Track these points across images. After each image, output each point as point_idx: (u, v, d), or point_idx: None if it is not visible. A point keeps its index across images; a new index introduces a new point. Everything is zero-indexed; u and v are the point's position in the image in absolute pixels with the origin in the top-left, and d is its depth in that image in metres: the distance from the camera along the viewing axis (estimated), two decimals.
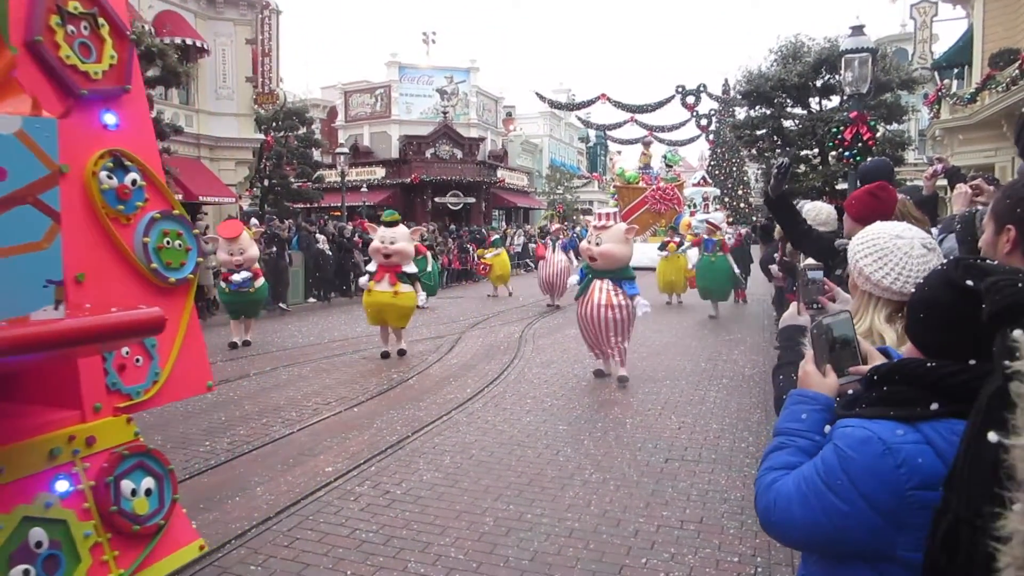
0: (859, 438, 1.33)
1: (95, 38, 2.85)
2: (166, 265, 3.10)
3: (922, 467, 1.27)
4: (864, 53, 9.86)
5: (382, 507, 4.64)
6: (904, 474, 1.28)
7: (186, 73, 16.81)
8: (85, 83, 2.81)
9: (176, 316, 3.14)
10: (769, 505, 1.47)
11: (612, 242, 8.02)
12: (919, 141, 32.93)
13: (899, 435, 1.30)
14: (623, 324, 8.07)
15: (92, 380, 2.86)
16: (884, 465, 1.29)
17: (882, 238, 1.99)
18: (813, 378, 1.57)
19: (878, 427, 1.33)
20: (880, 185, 3.44)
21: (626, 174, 30.77)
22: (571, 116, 51.07)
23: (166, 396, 3.18)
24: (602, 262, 8.03)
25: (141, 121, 3.23)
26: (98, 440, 2.81)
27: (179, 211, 3.22)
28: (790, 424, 1.55)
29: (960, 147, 19.15)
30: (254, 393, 7.88)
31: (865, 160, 8.87)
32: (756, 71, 24.21)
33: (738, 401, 7.46)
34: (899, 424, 1.32)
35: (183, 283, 3.20)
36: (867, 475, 1.30)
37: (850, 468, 1.32)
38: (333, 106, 42.02)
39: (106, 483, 2.74)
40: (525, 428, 6.45)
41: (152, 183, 3.15)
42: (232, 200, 21.35)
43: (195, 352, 3.29)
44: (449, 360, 9.85)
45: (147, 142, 3.23)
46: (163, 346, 3.11)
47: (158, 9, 19.89)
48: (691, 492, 4.91)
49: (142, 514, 2.88)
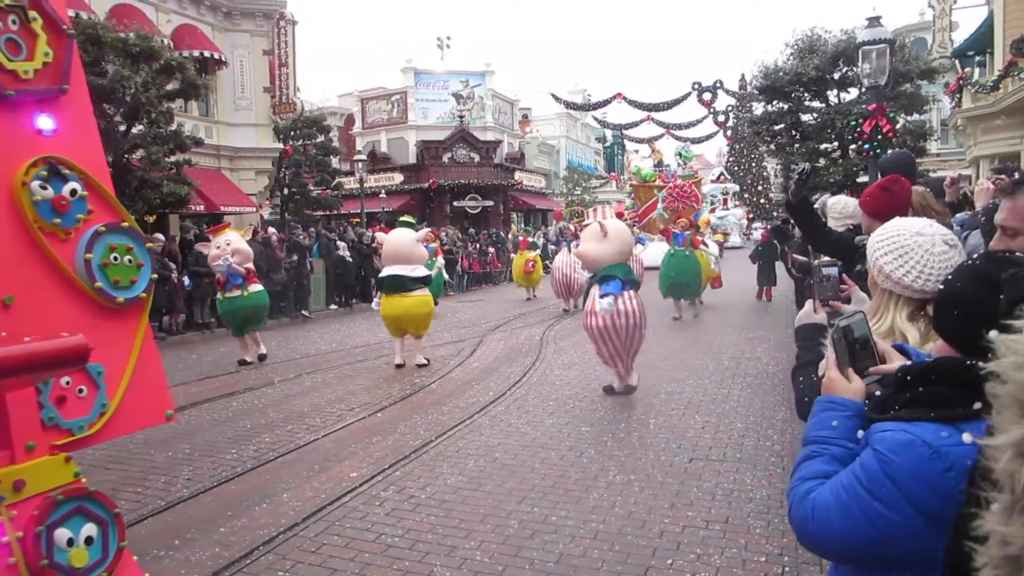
0: (901, 442, 1.29)
1: (25, 33, 2.59)
2: (113, 284, 2.77)
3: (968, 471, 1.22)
4: (881, 44, 9.76)
5: (407, 511, 4.67)
6: (954, 478, 1.22)
7: (205, 85, 17.01)
8: (12, 83, 2.55)
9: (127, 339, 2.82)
10: (807, 516, 1.41)
11: (588, 241, 7.57)
12: (941, 131, 32.50)
13: (944, 437, 1.25)
14: (620, 333, 7.34)
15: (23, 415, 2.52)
16: (932, 470, 1.24)
17: (902, 235, 1.95)
18: (839, 384, 1.52)
19: (920, 430, 1.28)
20: (892, 178, 3.40)
21: (642, 172, 30.48)
22: (587, 116, 51.03)
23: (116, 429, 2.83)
24: (583, 264, 7.73)
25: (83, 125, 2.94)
26: (28, 484, 2.45)
27: (129, 223, 2.89)
28: (821, 432, 1.50)
29: (983, 136, 18.86)
30: (279, 400, 7.95)
31: (885, 152, 8.78)
32: (772, 66, 24.04)
33: (762, 399, 7.40)
34: (941, 426, 1.27)
35: (134, 303, 2.86)
36: (915, 481, 1.25)
37: (895, 474, 1.28)
38: (350, 113, 42.34)
39: (37, 533, 2.38)
40: (548, 430, 6.46)
41: (97, 193, 2.83)
42: (253, 209, 21.55)
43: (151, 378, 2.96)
44: (471, 364, 9.87)
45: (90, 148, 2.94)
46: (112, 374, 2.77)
47: (176, 23, 20.13)
48: (716, 492, 4.88)
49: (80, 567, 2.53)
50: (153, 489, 5.21)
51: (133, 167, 13.92)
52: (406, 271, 9.28)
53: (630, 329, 7.37)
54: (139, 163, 13.95)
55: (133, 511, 4.78)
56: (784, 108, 24.51)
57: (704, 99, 39.12)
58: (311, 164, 24.51)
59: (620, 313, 7.26)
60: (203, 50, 20.06)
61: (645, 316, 7.55)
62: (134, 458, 5.97)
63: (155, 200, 13.85)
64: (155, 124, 14.07)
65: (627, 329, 7.33)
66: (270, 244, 14.86)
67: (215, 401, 7.98)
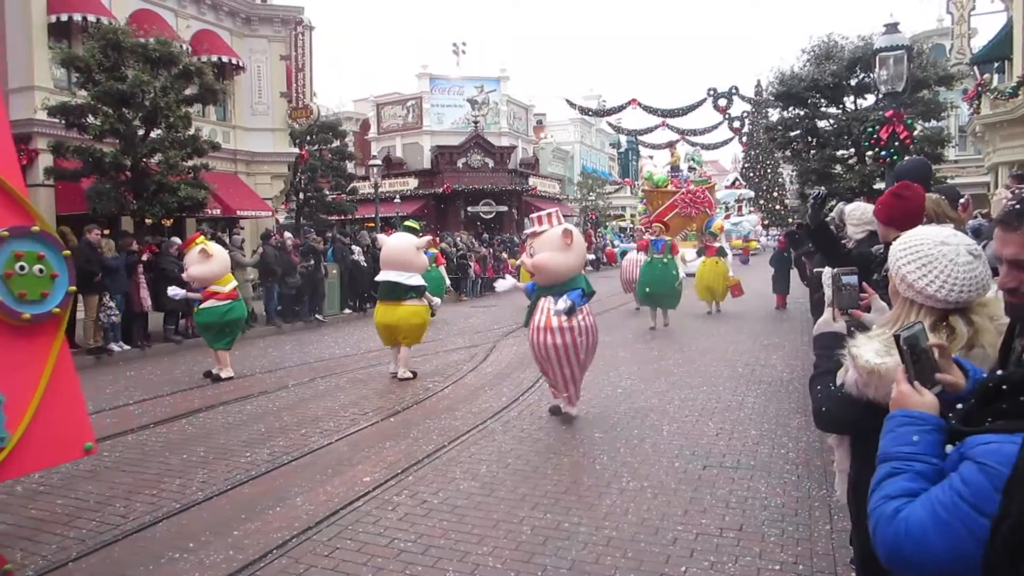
0: (1009, 453, 1.23)
1: None
2: (19, 297, 2.39)
3: None
4: (899, 51, 9.69)
5: (420, 516, 4.67)
6: None
7: (223, 90, 17.16)
8: None
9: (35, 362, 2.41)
10: (898, 536, 1.32)
11: (548, 250, 6.57)
12: (959, 138, 32.20)
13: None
14: (571, 352, 6.57)
15: None
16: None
17: (926, 244, 1.91)
18: (912, 397, 1.47)
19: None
20: (903, 185, 3.39)
21: (654, 177, 30.23)
22: (602, 122, 51.03)
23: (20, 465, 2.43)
24: (539, 277, 6.67)
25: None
26: None
27: (41, 227, 2.49)
28: (902, 448, 1.42)
29: (1002, 142, 18.68)
30: (292, 404, 7.98)
31: (902, 159, 8.71)
32: (789, 72, 23.90)
33: (777, 406, 7.36)
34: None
35: (46, 319, 2.47)
36: None
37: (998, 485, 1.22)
38: (366, 119, 42.57)
39: None
40: (561, 436, 6.44)
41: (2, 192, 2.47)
42: (268, 214, 21.70)
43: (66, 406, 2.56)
44: (484, 369, 9.87)
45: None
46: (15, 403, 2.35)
47: (195, 28, 20.34)
48: (730, 499, 4.86)
49: None
50: (168, 491, 5.25)
51: (151, 171, 14.06)
52: (402, 278, 8.87)
53: (590, 348, 6.72)
54: (157, 167, 14.09)
55: (148, 513, 4.82)
56: (800, 114, 24.35)
57: (719, 105, 39.02)
58: (326, 169, 24.68)
59: (582, 330, 6.53)
60: (221, 55, 20.27)
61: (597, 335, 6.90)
62: (149, 460, 6.02)
63: (172, 204, 13.95)
64: (173, 128, 14.19)
65: (588, 348, 6.69)
66: (285, 248, 14.96)
67: (230, 404, 8.03)
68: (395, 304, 8.95)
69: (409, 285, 8.90)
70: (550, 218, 6.65)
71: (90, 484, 5.42)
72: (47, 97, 14.80)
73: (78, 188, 14.76)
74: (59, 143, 13.77)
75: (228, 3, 21.38)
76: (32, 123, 15.64)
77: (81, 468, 5.80)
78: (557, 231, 6.58)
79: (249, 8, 22.18)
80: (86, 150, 13.41)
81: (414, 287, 8.95)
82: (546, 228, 6.60)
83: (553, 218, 6.69)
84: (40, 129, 15.63)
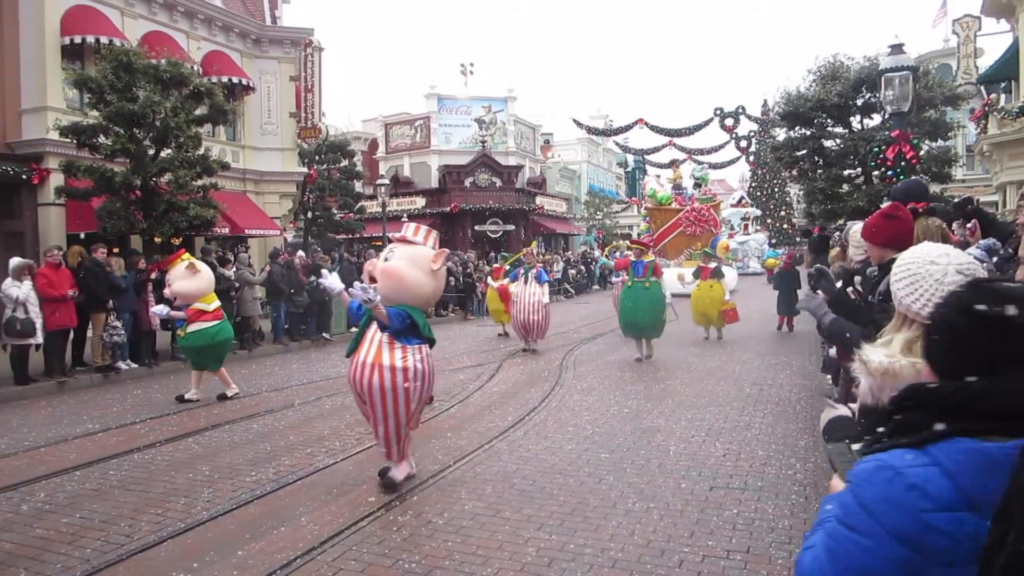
0: (869, 469, 1.33)
1: None
2: None
3: (932, 489, 1.25)
4: (904, 71, 9.74)
5: (424, 537, 4.65)
6: (916, 497, 1.25)
7: (232, 111, 17.32)
8: None
9: None
10: (804, 572, 1.42)
11: (410, 263, 5.56)
12: (967, 157, 32.18)
13: (908, 460, 1.29)
14: (399, 399, 5.43)
15: None
16: (895, 490, 1.27)
17: (916, 263, 2.03)
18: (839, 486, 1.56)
19: (888, 456, 1.33)
20: (894, 206, 3.49)
21: (658, 195, 29.77)
22: (609, 142, 51.26)
23: None
24: (383, 283, 5.45)
25: None
26: None
27: None
28: (820, 516, 1.52)
29: (1010, 161, 18.65)
30: (298, 423, 7.98)
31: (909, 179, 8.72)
32: (795, 92, 24.02)
33: (784, 427, 7.31)
34: (909, 450, 1.31)
35: None
36: (882, 503, 1.28)
37: (865, 500, 1.31)
38: (374, 138, 42.88)
39: None
40: (567, 456, 6.42)
41: None
42: (277, 232, 21.81)
43: None
44: (490, 388, 9.86)
45: None
46: None
47: (206, 50, 20.57)
48: (737, 521, 4.82)
49: None
50: (173, 511, 5.24)
51: (161, 190, 14.18)
52: None
53: (421, 399, 5.66)
54: (167, 186, 14.21)
55: (153, 532, 4.81)
56: (807, 134, 24.44)
57: (726, 125, 39.15)
58: (335, 188, 24.79)
59: (416, 374, 5.46)
60: (231, 76, 20.49)
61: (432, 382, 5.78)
62: (155, 480, 6.02)
63: (182, 223, 14.06)
64: (183, 148, 14.33)
65: (419, 398, 5.61)
66: (293, 267, 15.02)
67: (235, 423, 8.03)
68: None
69: None
70: (427, 235, 5.80)
71: (95, 503, 5.42)
72: (59, 117, 14.97)
73: (88, 207, 14.88)
74: (70, 163, 13.91)
75: (239, 25, 21.65)
76: (44, 143, 15.82)
77: (87, 487, 5.81)
78: (429, 251, 5.65)
79: (260, 30, 22.45)
80: (97, 170, 13.54)
81: None
82: (417, 241, 5.71)
83: (431, 237, 5.81)
84: (52, 149, 15.80)
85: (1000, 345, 1.27)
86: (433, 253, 5.65)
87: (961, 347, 1.33)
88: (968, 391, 1.28)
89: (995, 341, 1.28)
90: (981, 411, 1.25)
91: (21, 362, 10.12)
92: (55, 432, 7.75)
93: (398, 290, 5.47)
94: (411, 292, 5.53)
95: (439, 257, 5.66)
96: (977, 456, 1.24)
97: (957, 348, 1.35)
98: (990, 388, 1.26)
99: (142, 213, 14.04)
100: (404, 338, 5.45)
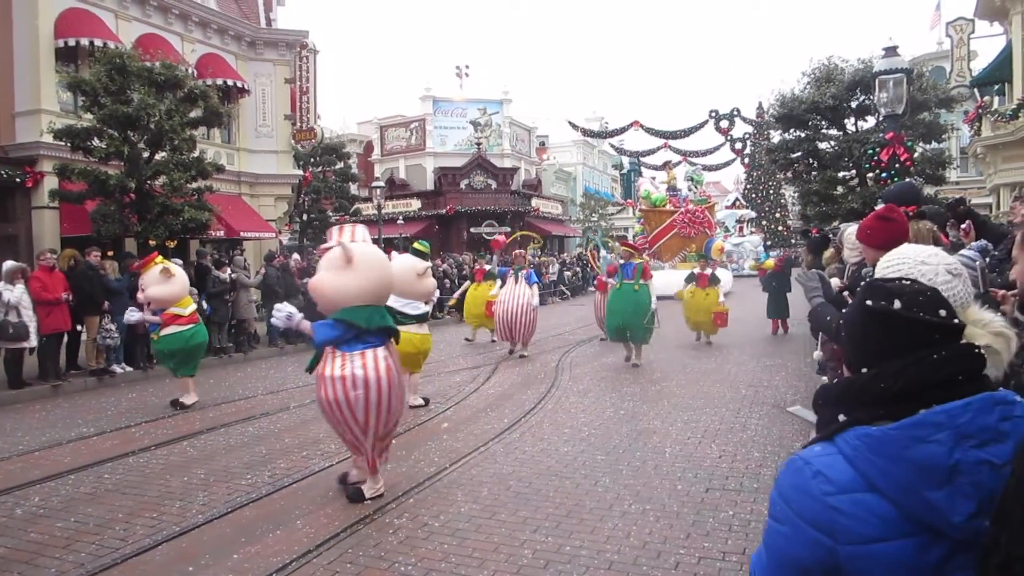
0: (788, 464, 1.46)
1: None
2: None
3: (833, 474, 1.36)
4: (898, 74, 9.78)
5: (420, 539, 4.64)
6: (820, 483, 1.36)
7: (227, 113, 17.30)
8: None
9: None
10: (752, 571, 1.55)
11: (326, 270, 5.36)
12: (961, 159, 32.31)
13: (817, 451, 1.42)
14: (344, 410, 5.19)
15: None
16: (803, 478, 1.39)
17: (907, 264, 2.04)
18: None
19: (804, 451, 1.45)
20: (889, 208, 3.50)
21: (652, 197, 29.53)
22: (604, 144, 51.30)
23: None
24: (319, 302, 5.40)
25: None
26: None
27: None
28: None
29: (1003, 164, 18.75)
30: (294, 426, 7.96)
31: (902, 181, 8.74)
32: (789, 94, 24.06)
33: (780, 428, 7.32)
34: (819, 443, 1.44)
35: None
36: (793, 492, 1.41)
37: (783, 491, 1.43)
38: (369, 140, 42.88)
39: None
40: (563, 458, 6.41)
41: None
42: (272, 235, 21.79)
43: None
44: (486, 390, 9.85)
45: None
46: None
47: (201, 52, 20.55)
48: (733, 523, 4.82)
49: None
50: (168, 514, 5.23)
51: (155, 193, 14.15)
52: (398, 305, 7.88)
53: (371, 407, 5.21)
54: (161, 189, 14.18)
55: (148, 536, 4.80)
56: (801, 136, 24.49)
57: (721, 127, 39.23)
58: (330, 190, 24.82)
59: (356, 382, 5.12)
60: (226, 78, 20.46)
61: (399, 387, 5.47)
62: (150, 483, 6.00)
63: (176, 226, 14.03)
64: (178, 151, 14.30)
65: (367, 406, 5.20)
66: (288, 270, 15.00)
67: (231, 426, 8.01)
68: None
69: (403, 313, 8.46)
70: (339, 232, 5.42)
71: (90, 507, 5.40)
72: (53, 120, 14.95)
73: (82, 210, 14.84)
74: (64, 165, 13.87)
75: (234, 27, 21.63)
76: (38, 146, 15.78)
77: (81, 491, 5.79)
78: (336, 248, 5.32)
79: (254, 32, 22.43)
80: (91, 172, 13.51)
81: (412, 316, 8.28)
82: (333, 244, 5.41)
83: (343, 232, 5.41)
84: (46, 152, 15.76)
85: (889, 338, 1.39)
86: (339, 249, 5.26)
87: (859, 342, 1.47)
88: (857, 383, 1.41)
89: (885, 334, 1.40)
90: (868, 400, 1.38)
91: (15, 366, 10.08)
92: (49, 436, 7.72)
93: (323, 301, 5.32)
94: (333, 298, 5.26)
95: (345, 252, 5.19)
96: (867, 440, 1.34)
97: (857, 343, 1.48)
98: (871, 378, 1.38)
99: (136, 216, 14.00)
100: (347, 345, 5.18)
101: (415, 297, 8.38)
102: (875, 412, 1.36)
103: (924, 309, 1.38)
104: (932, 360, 1.33)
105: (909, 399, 1.33)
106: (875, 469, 1.32)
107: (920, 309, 1.38)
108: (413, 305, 8.31)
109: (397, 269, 8.71)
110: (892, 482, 1.30)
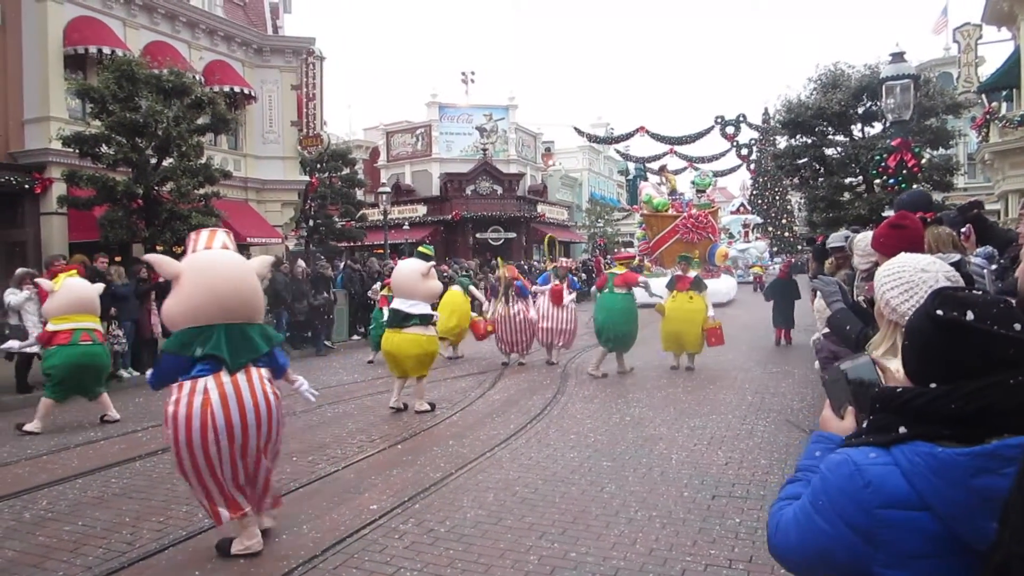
0: (836, 461, 1.42)
1: None
2: None
3: (887, 487, 1.33)
4: (905, 80, 9.77)
5: (426, 545, 4.64)
6: (870, 493, 1.34)
7: (234, 120, 17.38)
8: None
9: None
10: (773, 529, 1.57)
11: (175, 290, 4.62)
12: (968, 165, 32.22)
13: (871, 457, 1.38)
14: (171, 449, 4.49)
15: None
16: (853, 485, 1.36)
17: (907, 271, 2.08)
18: (831, 422, 1.68)
19: (854, 451, 1.41)
20: (901, 215, 3.48)
21: (654, 201, 29.02)
22: (610, 150, 51.39)
23: None
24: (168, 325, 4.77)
25: None
26: None
27: None
28: (806, 461, 1.66)
29: (1011, 170, 18.68)
30: (299, 431, 7.97)
31: (911, 187, 8.73)
32: (796, 100, 24.07)
33: (787, 435, 7.30)
34: (874, 448, 1.40)
35: None
36: (840, 495, 1.38)
37: (829, 489, 1.41)
38: (375, 146, 42.99)
39: None
40: (569, 464, 6.41)
41: None
42: (278, 241, 21.85)
43: None
44: (492, 396, 9.85)
45: None
46: None
47: (208, 59, 20.65)
48: (739, 530, 4.81)
49: None
50: (175, 519, 5.24)
51: (163, 199, 14.21)
52: (404, 305, 8.52)
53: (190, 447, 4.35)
54: (169, 195, 14.24)
55: (155, 540, 4.81)
56: (808, 142, 24.48)
57: (727, 132, 39.30)
58: (336, 196, 24.86)
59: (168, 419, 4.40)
60: (233, 85, 20.57)
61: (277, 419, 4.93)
62: (156, 488, 6.01)
63: (184, 232, 14.07)
64: (185, 157, 14.37)
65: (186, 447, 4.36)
66: (296, 276, 15.04)
67: None
68: (397, 331, 8.64)
69: (408, 313, 8.55)
70: (196, 236, 4.80)
71: (97, 511, 5.42)
72: (62, 127, 15.03)
73: (91, 216, 14.92)
74: (73, 172, 13.95)
75: (241, 34, 21.74)
76: (47, 152, 15.86)
77: (89, 495, 5.81)
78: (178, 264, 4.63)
79: (261, 39, 22.54)
80: (99, 179, 13.59)
81: (416, 315, 8.57)
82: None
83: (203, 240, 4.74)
84: (55, 158, 15.84)
85: (959, 351, 1.32)
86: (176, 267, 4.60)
87: (926, 353, 1.40)
88: (925, 398, 1.35)
89: (955, 347, 1.33)
90: (935, 417, 1.32)
91: (23, 370, 10.13)
92: (57, 440, 7.75)
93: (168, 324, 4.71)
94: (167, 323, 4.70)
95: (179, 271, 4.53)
96: (930, 460, 1.30)
97: (923, 354, 1.41)
98: (942, 396, 1.32)
99: (144, 222, 14.07)
100: (184, 374, 4.45)
101: (420, 298, 8.66)
102: (939, 431, 1.32)
103: (998, 322, 1.30)
104: (1009, 385, 1.26)
105: (979, 423, 1.29)
106: (933, 490, 1.29)
107: (994, 322, 1.30)
108: (417, 305, 8.59)
109: (403, 272, 8.93)
110: (950, 506, 1.28)
